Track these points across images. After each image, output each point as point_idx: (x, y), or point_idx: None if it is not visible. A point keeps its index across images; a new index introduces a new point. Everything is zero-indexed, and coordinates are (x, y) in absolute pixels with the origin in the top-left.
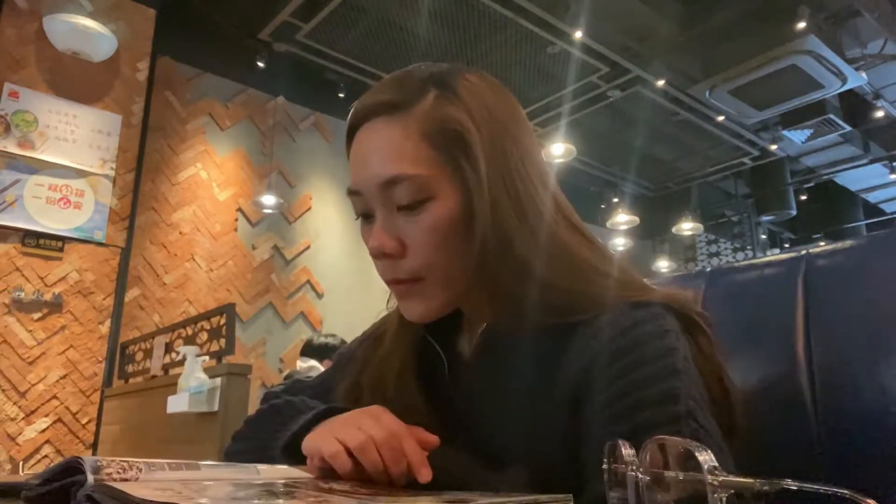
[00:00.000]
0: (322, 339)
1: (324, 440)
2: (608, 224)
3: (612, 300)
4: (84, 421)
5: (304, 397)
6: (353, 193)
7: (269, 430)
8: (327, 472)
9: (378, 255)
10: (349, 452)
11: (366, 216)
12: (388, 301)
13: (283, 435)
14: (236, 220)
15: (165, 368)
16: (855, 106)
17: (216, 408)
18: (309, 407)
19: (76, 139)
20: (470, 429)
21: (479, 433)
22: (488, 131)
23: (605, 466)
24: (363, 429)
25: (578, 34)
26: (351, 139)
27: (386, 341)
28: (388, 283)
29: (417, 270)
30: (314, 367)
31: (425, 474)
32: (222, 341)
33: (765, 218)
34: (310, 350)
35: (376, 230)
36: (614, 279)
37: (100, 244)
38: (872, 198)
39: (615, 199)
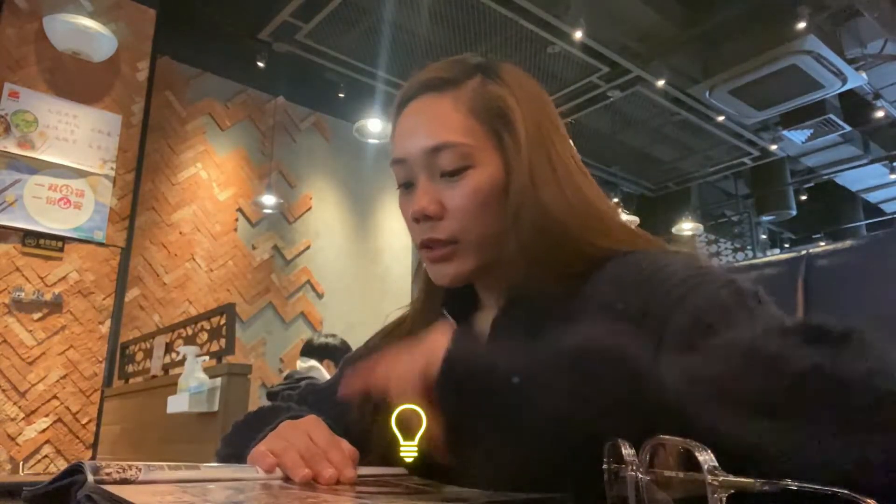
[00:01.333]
0: (322, 339)
1: (259, 454)
2: None
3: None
4: (84, 421)
5: (290, 403)
6: (397, 162)
7: (247, 437)
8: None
9: (419, 216)
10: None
11: (406, 185)
12: (415, 274)
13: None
14: (236, 220)
15: (165, 368)
16: (855, 106)
17: (216, 408)
18: (286, 414)
19: (76, 139)
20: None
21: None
22: (528, 109)
23: (605, 466)
24: (287, 438)
25: (578, 34)
26: (399, 114)
27: (405, 324)
28: (422, 245)
29: (454, 233)
30: (314, 367)
31: (348, 474)
32: (222, 341)
33: (765, 218)
34: (310, 350)
35: (418, 194)
36: (640, 236)
37: (100, 244)
38: (872, 198)
39: (615, 199)
